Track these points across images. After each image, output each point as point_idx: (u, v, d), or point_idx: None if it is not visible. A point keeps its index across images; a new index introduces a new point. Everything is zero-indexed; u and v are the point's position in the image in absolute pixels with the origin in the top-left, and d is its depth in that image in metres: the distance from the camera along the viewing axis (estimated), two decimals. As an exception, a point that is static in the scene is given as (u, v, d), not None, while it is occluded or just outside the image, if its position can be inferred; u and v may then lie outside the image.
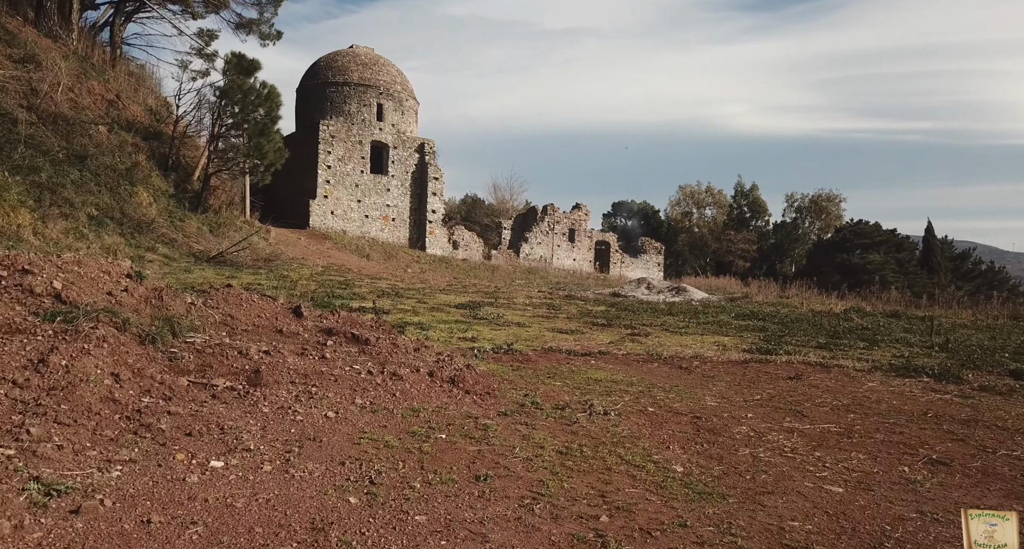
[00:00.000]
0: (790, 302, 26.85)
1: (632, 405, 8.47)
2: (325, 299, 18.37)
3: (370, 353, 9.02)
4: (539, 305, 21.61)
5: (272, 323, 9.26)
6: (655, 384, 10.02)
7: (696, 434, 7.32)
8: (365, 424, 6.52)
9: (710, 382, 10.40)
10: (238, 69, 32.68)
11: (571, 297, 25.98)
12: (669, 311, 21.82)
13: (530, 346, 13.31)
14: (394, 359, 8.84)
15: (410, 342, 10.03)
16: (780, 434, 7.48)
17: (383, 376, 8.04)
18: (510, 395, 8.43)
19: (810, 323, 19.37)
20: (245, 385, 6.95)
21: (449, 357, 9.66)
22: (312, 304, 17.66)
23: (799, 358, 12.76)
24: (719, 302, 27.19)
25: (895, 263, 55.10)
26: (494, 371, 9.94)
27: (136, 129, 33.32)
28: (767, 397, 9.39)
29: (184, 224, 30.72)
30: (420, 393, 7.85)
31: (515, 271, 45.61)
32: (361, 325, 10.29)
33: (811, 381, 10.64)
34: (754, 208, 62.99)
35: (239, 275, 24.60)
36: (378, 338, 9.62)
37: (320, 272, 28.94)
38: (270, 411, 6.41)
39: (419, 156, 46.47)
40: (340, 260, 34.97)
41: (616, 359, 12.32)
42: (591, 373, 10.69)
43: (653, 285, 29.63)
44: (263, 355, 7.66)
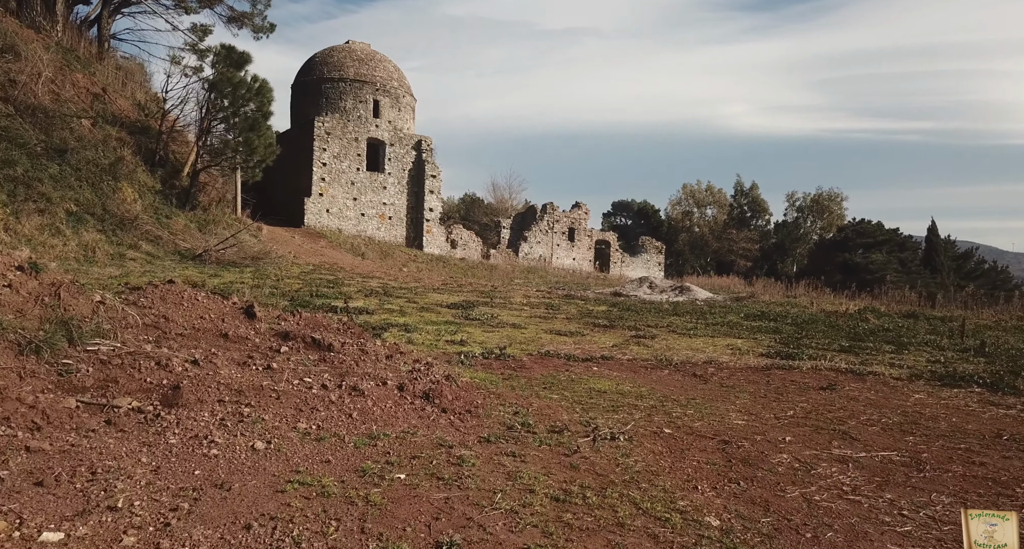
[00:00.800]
0: (798, 302, 25.25)
1: (644, 425, 6.88)
2: (307, 298, 16.81)
3: (331, 362, 7.43)
4: (537, 305, 20.03)
5: (216, 326, 7.67)
6: (668, 396, 8.44)
7: (727, 466, 5.72)
8: (303, 459, 4.93)
9: (731, 393, 8.81)
10: (228, 61, 31.11)
11: (571, 297, 24.40)
12: (674, 311, 20.24)
13: (525, 350, 11.73)
14: (359, 369, 7.24)
15: (383, 348, 8.44)
16: (831, 465, 5.88)
17: (340, 391, 6.45)
18: (497, 413, 6.84)
19: (826, 324, 17.78)
20: (157, 406, 5.37)
21: (427, 366, 8.08)
22: (290, 304, 16.11)
23: (825, 364, 11.16)
24: (724, 301, 25.60)
25: (898, 263, 53.48)
26: (481, 381, 8.35)
27: (123, 124, 31.73)
28: (802, 413, 7.79)
29: (171, 221, 29.13)
30: (384, 413, 6.26)
31: (514, 270, 44.02)
32: (326, 328, 8.69)
33: (848, 392, 9.03)
34: (754, 207, 61.33)
35: (222, 273, 23.04)
36: (344, 343, 8.04)
37: (310, 271, 27.36)
38: (178, 442, 4.82)
39: (416, 153, 44.87)
40: (333, 259, 33.38)
41: (621, 365, 10.73)
42: (594, 382, 9.11)
43: (656, 284, 28.05)
44: (189, 366, 6.06)
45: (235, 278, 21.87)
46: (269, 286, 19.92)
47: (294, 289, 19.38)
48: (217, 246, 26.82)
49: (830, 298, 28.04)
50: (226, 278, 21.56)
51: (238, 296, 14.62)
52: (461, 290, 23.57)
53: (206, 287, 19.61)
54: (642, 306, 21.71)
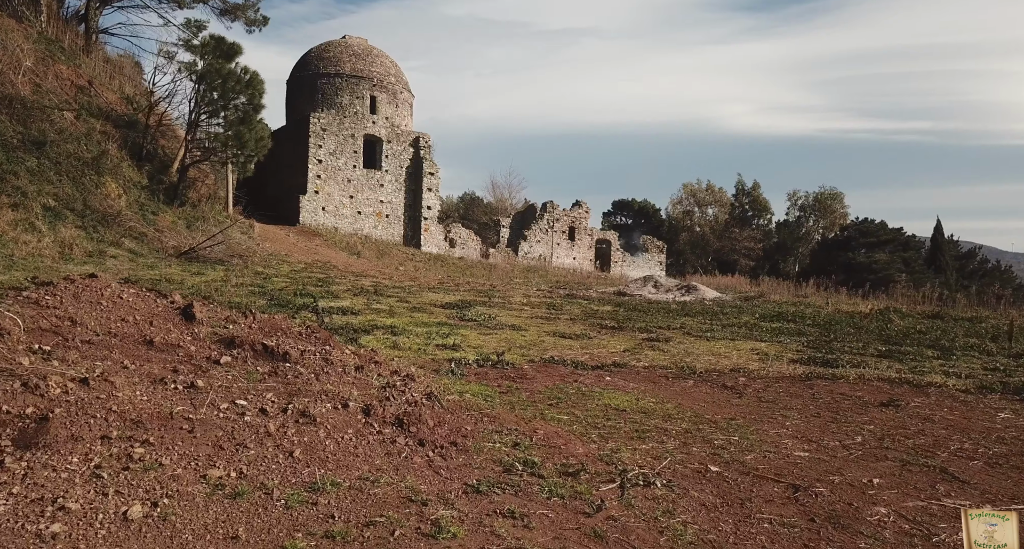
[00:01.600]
0: (811, 301, 23.56)
1: (683, 459, 5.21)
2: (289, 297, 15.14)
3: (284, 376, 5.75)
4: (538, 305, 18.36)
5: (140, 331, 5.99)
6: (701, 415, 6.76)
7: (813, 531, 4.02)
8: (197, 535, 3.25)
9: (775, 411, 7.14)
10: (217, 52, 29.43)
11: (572, 296, 22.73)
12: (684, 311, 18.56)
13: (526, 356, 10.05)
14: (316, 386, 5.56)
15: (354, 357, 6.76)
16: (954, 526, 4.20)
17: (284, 417, 4.77)
18: (491, 445, 5.16)
19: (850, 325, 16.11)
20: (9, 446, 3.69)
21: (407, 379, 6.40)
22: (268, 303, 14.44)
23: (871, 372, 9.48)
24: (734, 301, 23.92)
25: (901, 262, 51.79)
26: (473, 397, 6.68)
27: (109, 117, 30.05)
28: (872, 439, 6.11)
29: (157, 218, 27.45)
30: (340, 448, 4.58)
31: (513, 270, 42.34)
32: (285, 332, 7.01)
33: (915, 410, 7.36)
34: (756, 206, 59.55)
35: (206, 271, 21.36)
36: (304, 352, 6.36)
37: (300, 269, 25.69)
38: (7, 509, 3.14)
39: (414, 150, 43.17)
40: (327, 257, 31.70)
41: (638, 374, 9.06)
42: (608, 397, 7.44)
43: (660, 283, 26.38)
44: (73, 388, 4.37)
45: (218, 276, 20.25)
46: (252, 284, 18.25)
47: (278, 288, 17.71)
48: (203, 243, 25.14)
49: (843, 298, 26.37)
50: (208, 276, 19.93)
51: (194, 295, 12.93)
52: (458, 289, 21.90)
53: (184, 285, 17.94)
54: (648, 306, 20.04)
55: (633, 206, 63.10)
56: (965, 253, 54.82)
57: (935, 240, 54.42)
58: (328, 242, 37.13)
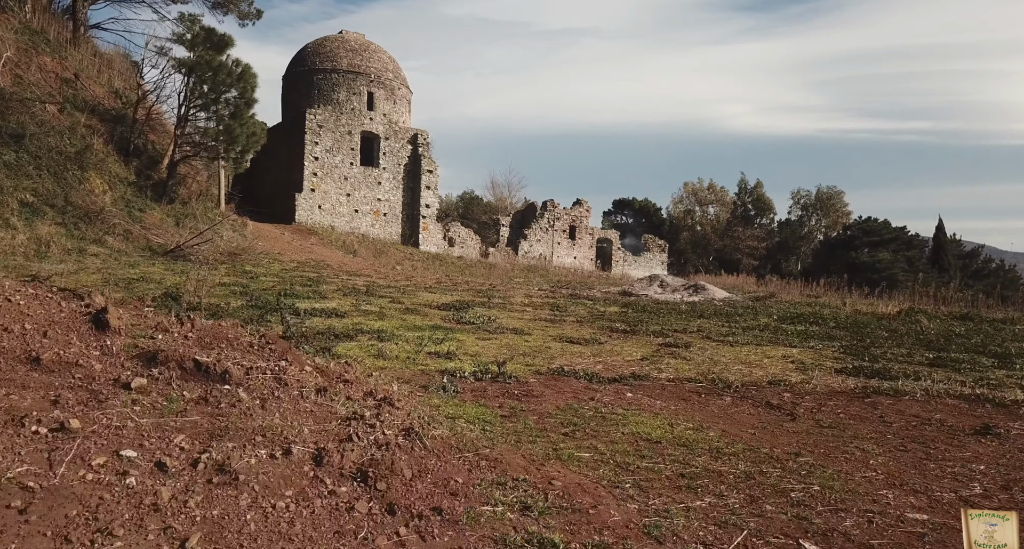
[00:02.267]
0: (827, 302, 21.99)
1: (759, 528, 3.66)
2: (271, 298, 13.58)
3: (215, 403, 4.20)
4: (540, 305, 16.81)
5: (27, 344, 4.42)
6: (756, 448, 5.22)
7: None
8: None
9: (844, 439, 5.60)
10: (208, 44, 27.88)
11: (576, 296, 21.19)
12: (696, 312, 17.02)
13: (531, 366, 8.51)
14: (253, 421, 4.00)
15: (315, 375, 5.20)
16: None
17: (191, 475, 3.21)
18: (491, 510, 3.59)
19: (879, 328, 14.56)
20: None
21: (381, 405, 4.85)
22: (247, 304, 12.88)
23: (934, 385, 7.93)
24: (745, 302, 22.38)
25: (905, 261, 50.24)
26: (468, 426, 5.13)
27: (96, 111, 28.49)
28: (996, 487, 4.56)
29: (144, 215, 25.89)
30: (267, 527, 3.02)
31: (513, 269, 40.78)
32: (231, 343, 5.44)
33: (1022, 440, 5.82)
34: (758, 206, 57.89)
35: (190, 270, 19.83)
36: (250, 369, 4.80)
37: (292, 268, 24.13)
38: None
39: (412, 148, 41.58)
40: (321, 256, 30.13)
41: (663, 389, 7.51)
42: (636, 421, 5.90)
43: (667, 283, 24.82)
44: None
45: (201, 275, 18.73)
46: (236, 284, 16.70)
47: (263, 288, 16.16)
48: (190, 241, 23.56)
49: (858, 298, 24.84)
50: (191, 275, 18.43)
51: (163, 297, 11.37)
52: (456, 289, 20.35)
53: (162, 284, 16.36)
54: (657, 307, 18.50)
55: (634, 205, 61.51)
56: (968, 252, 53.30)
57: (937, 239, 52.92)
58: (324, 241, 35.57)
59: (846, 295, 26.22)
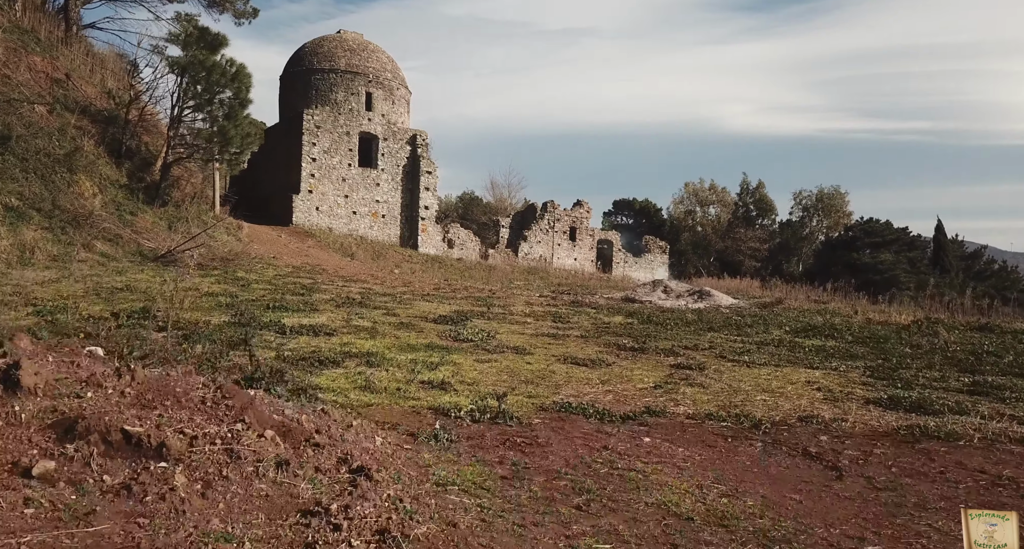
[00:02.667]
0: (837, 309, 21.05)
1: None
2: (258, 312, 12.67)
3: (139, 495, 3.27)
4: (542, 315, 15.88)
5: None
6: (808, 527, 4.30)
7: None
8: None
9: (904, 508, 4.68)
10: (201, 43, 26.93)
11: (578, 303, 20.24)
12: (703, 322, 16.10)
13: (534, 398, 7.58)
14: (181, 525, 3.07)
15: (275, 442, 4.25)
16: None
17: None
18: None
19: (900, 342, 13.63)
20: None
21: (357, 481, 3.91)
22: (232, 319, 11.94)
23: (990, 425, 7.00)
24: (751, 309, 21.47)
25: (907, 263, 49.31)
26: (460, 502, 4.21)
27: (88, 112, 27.54)
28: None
29: (135, 218, 24.94)
30: None
31: (513, 271, 39.83)
32: (179, 400, 4.47)
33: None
34: (760, 206, 56.90)
35: (178, 278, 18.88)
36: (197, 437, 3.87)
37: (287, 273, 23.18)
38: None
39: (411, 148, 40.60)
40: (318, 260, 29.18)
41: (683, 431, 6.57)
42: (660, 484, 4.97)
43: (671, 288, 23.88)
44: None
45: (191, 283, 17.81)
46: (225, 293, 15.74)
47: (253, 297, 15.24)
48: (182, 246, 22.61)
49: (867, 304, 23.92)
50: (180, 284, 17.50)
51: (143, 310, 10.38)
52: (454, 296, 19.41)
53: (148, 294, 15.39)
54: (663, 316, 17.57)
55: (634, 206, 60.54)
56: (970, 253, 52.37)
57: (937, 240, 51.96)
58: (321, 243, 34.63)
59: (854, 300, 25.30)
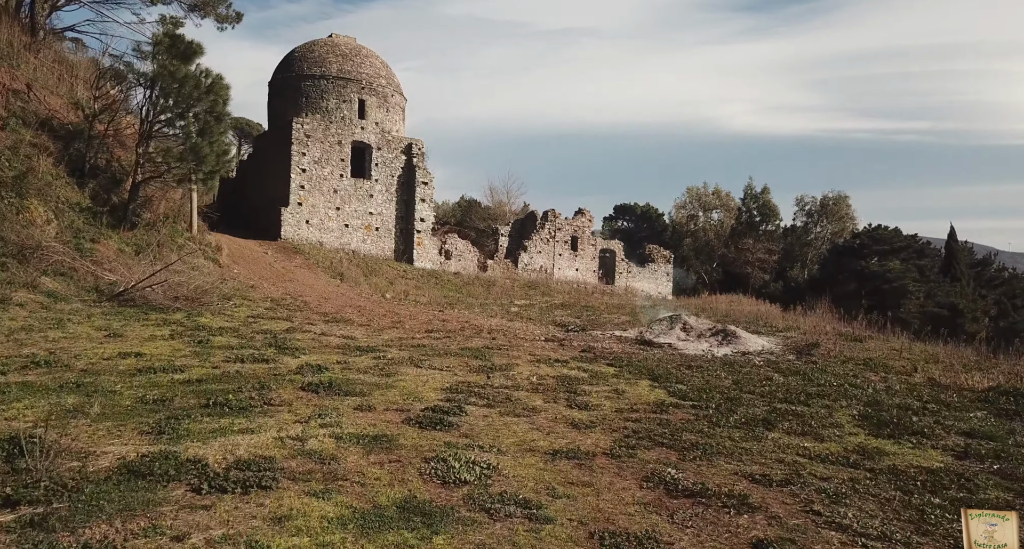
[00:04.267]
0: (889, 362, 17.73)
1: None
2: (200, 413, 9.40)
3: None
4: (553, 390, 12.60)
5: None
6: None
7: None
8: None
9: None
10: (172, 52, 23.50)
11: (591, 353, 17.02)
12: (748, 397, 12.87)
13: None
14: None
15: None
16: None
17: None
18: None
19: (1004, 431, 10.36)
20: None
21: None
22: (148, 438, 8.65)
23: None
24: (785, 356, 18.25)
25: (916, 271, 46.04)
26: None
27: (49, 126, 24.13)
28: None
29: (97, 246, 21.60)
30: None
31: (513, 286, 36.50)
32: None
33: None
34: (764, 212, 53.53)
35: (127, 328, 15.54)
36: None
37: (262, 312, 19.88)
38: None
39: (406, 158, 37.19)
40: (301, 287, 25.80)
41: None
42: None
43: (690, 326, 20.58)
44: None
45: (137, 336, 14.57)
46: (168, 360, 12.40)
47: (203, 374, 11.95)
48: (142, 282, 19.27)
49: (907, 340, 20.63)
50: (124, 341, 14.29)
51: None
52: (448, 349, 16.08)
53: (72, 368, 12.09)
54: (691, 377, 14.40)
55: (635, 211, 57.18)
56: (980, 260, 49.13)
57: (949, 247, 48.74)
58: (310, 261, 31.25)
59: (892, 338, 22.01)
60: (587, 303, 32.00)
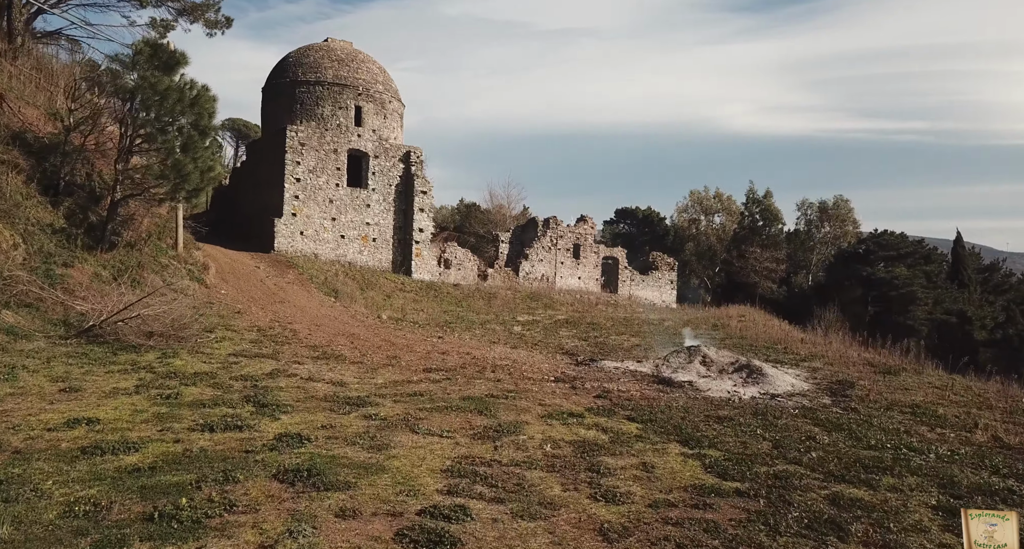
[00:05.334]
0: (937, 409, 15.65)
1: None
2: (141, 529, 7.32)
3: None
4: (571, 462, 10.50)
5: None
6: None
7: None
8: None
9: None
10: (153, 63, 21.29)
11: (607, 397, 14.93)
12: (791, 455, 10.79)
13: None
14: None
15: None
16: None
17: None
18: None
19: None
20: None
21: None
22: None
23: None
24: (821, 400, 16.16)
25: (923, 277, 43.98)
26: None
27: (22, 139, 21.92)
28: None
29: (70, 271, 19.42)
30: None
31: (515, 298, 34.36)
32: None
33: None
34: (766, 216, 51.34)
35: (91, 375, 13.42)
36: None
37: (246, 348, 17.72)
38: None
39: (404, 166, 34.99)
40: (292, 309, 23.63)
41: None
42: None
43: (711, 360, 18.46)
44: None
45: (96, 391, 12.47)
46: (124, 425, 10.27)
47: (157, 455, 9.85)
48: (113, 317, 17.08)
49: (945, 375, 18.54)
50: (94, 390, 12.21)
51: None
52: (448, 398, 13.98)
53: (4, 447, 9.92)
54: (719, 424, 12.36)
55: (637, 214, 54.98)
56: (987, 266, 47.04)
57: (956, 253, 46.69)
58: (303, 276, 29.07)
59: (920, 362, 19.94)
60: (592, 319, 29.89)
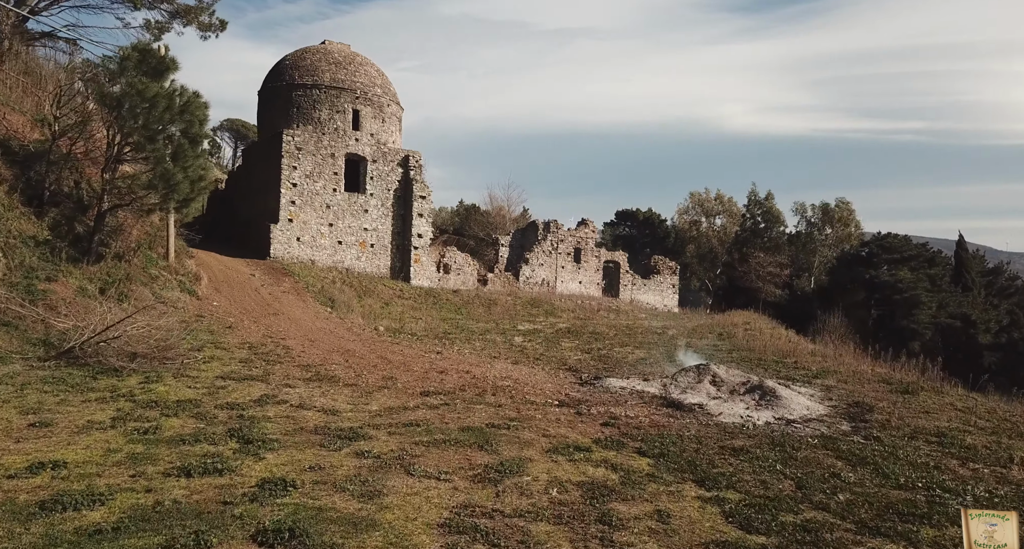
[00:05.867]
0: (965, 438, 14.62)
1: None
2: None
3: None
4: (580, 512, 9.44)
5: None
6: None
7: None
8: None
9: None
10: (141, 68, 20.21)
11: (614, 425, 13.90)
12: (817, 498, 9.76)
13: None
14: None
15: None
16: None
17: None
18: None
19: None
20: None
21: None
22: None
23: None
24: (840, 427, 15.12)
25: (927, 280, 42.92)
26: None
27: (7, 148, 20.85)
28: None
29: (54, 286, 18.36)
30: None
31: (515, 304, 33.30)
32: None
33: None
34: (768, 218, 50.25)
35: (66, 404, 12.36)
36: None
37: (235, 369, 16.66)
38: None
39: (403, 171, 33.90)
40: (287, 322, 22.55)
41: None
42: None
43: (721, 379, 17.42)
44: None
45: (69, 425, 11.43)
46: (77, 501, 9.22)
47: (130, 504, 8.82)
48: (96, 337, 16.00)
49: (987, 403, 17.49)
50: (36, 444, 11.14)
51: None
52: (446, 429, 12.93)
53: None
54: (736, 457, 11.35)
55: (638, 216, 53.86)
56: (991, 269, 45.99)
57: (958, 256, 45.63)
58: (299, 285, 28.00)
59: (938, 378, 18.90)
60: (594, 328, 28.84)
